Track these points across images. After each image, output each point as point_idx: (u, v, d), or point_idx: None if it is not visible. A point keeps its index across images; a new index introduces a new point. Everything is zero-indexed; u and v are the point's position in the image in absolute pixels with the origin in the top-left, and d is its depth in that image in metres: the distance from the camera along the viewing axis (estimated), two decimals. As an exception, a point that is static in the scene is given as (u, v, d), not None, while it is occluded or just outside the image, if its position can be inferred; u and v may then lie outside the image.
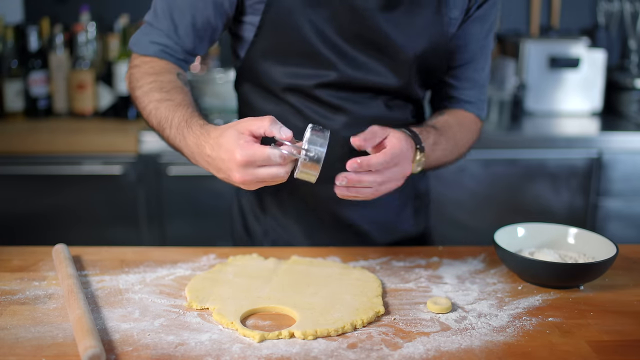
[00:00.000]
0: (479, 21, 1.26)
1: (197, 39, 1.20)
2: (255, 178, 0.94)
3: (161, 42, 1.19)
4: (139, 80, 1.17)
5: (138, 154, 2.33)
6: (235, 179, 0.95)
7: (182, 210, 2.39)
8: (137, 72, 1.19)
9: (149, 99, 1.14)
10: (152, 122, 1.14)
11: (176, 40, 1.19)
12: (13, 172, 2.34)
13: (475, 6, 1.24)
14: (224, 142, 0.95)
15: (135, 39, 1.22)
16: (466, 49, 1.27)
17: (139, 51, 1.21)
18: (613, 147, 2.45)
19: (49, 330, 0.89)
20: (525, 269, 1.05)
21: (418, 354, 0.85)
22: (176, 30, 1.18)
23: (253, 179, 0.94)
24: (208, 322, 0.92)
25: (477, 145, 1.39)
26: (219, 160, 0.97)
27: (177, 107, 1.10)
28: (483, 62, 1.32)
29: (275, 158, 0.93)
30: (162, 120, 1.11)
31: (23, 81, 2.55)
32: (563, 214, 2.48)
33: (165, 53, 1.19)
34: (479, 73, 1.32)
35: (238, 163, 0.93)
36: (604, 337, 0.90)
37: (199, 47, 1.22)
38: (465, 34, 1.26)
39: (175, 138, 1.08)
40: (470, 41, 1.27)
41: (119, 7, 2.78)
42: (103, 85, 2.58)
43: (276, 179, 0.95)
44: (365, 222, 1.32)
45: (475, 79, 1.32)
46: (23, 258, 1.14)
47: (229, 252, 1.18)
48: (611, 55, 2.95)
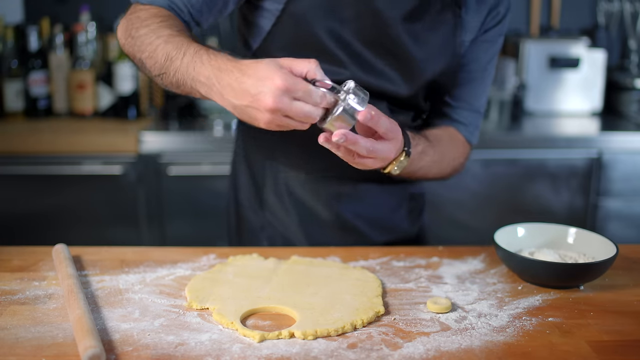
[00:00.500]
0: (483, 45, 1.27)
1: (207, 7, 1.15)
2: (289, 109, 0.88)
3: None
4: (145, 20, 1.08)
5: (138, 154, 2.33)
6: (268, 102, 0.88)
7: (182, 210, 2.39)
8: (142, 14, 1.10)
9: (157, 35, 1.05)
10: (158, 57, 1.03)
11: (186, 1, 1.13)
12: (13, 172, 2.34)
13: (484, 30, 1.25)
14: (262, 68, 0.89)
15: None
16: (467, 69, 1.28)
17: (144, 0, 1.13)
18: (613, 147, 2.45)
19: (49, 330, 0.89)
20: (525, 269, 1.05)
21: (418, 354, 0.85)
22: None
23: (287, 108, 0.88)
24: (208, 322, 0.92)
25: (477, 145, 1.39)
26: (251, 83, 0.89)
27: (192, 42, 1.02)
28: (481, 88, 1.32)
29: (316, 95, 0.89)
30: (173, 52, 1.01)
31: (23, 81, 2.55)
32: (563, 214, 2.48)
33: (172, 9, 1.13)
34: (476, 98, 1.32)
35: (277, 87, 0.87)
36: (604, 337, 0.90)
37: (205, 17, 1.17)
38: (468, 54, 1.26)
39: (187, 67, 0.98)
40: (472, 62, 1.28)
41: (119, 7, 2.78)
42: (103, 85, 2.58)
43: (307, 119, 0.90)
44: (362, 221, 1.33)
45: (471, 102, 1.32)
46: (23, 258, 1.14)
47: (229, 252, 1.18)
48: (611, 55, 2.95)
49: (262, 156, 1.34)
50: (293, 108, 0.89)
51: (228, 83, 0.92)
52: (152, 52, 1.04)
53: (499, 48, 1.31)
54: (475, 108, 1.33)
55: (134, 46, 1.08)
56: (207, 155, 2.34)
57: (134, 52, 1.09)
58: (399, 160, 1.07)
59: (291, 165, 1.30)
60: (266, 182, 1.34)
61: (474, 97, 1.32)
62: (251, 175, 1.36)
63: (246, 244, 1.38)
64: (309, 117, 0.91)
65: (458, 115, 1.32)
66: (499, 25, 1.27)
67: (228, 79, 0.92)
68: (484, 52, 1.28)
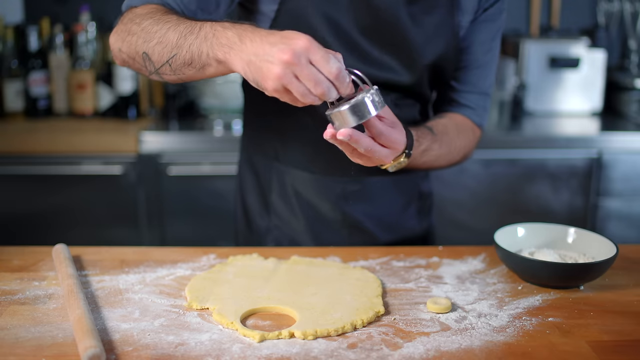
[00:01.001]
0: (484, 25, 1.26)
1: (200, 9, 1.15)
2: (302, 68, 0.85)
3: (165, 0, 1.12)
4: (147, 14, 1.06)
5: (138, 154, 2.33)
6: (285, 55, 0.85)
7: (182, 210, 2.39)
8: (139, 11, 1.08)
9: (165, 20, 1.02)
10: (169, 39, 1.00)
11: (179, 2, 1.13)
12: (13, 172, 2.34)
13: (482, 9, 1.24)
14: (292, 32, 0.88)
15: None
16: (469, 51, 1.27)
17: (139, 3, 1.12)
18: (613, 147, 2.45)
19: (49, 330, 0.89)
20: (525, 269, 1.05)
21: (418, 354, 0.85)
22: None
23: (300, 67, 0.85)
24: (208, 322, 0.92)
25: (477, 146, 1.39)
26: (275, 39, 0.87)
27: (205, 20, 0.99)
28: (486, 70, 1.31)
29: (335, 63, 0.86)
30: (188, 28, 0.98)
31: (23, 81, 2.55)
32: (563, 214, 2.48)
33: None
34: (481, 79, 1.31)
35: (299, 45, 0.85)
36: (604, 337, 0.90)
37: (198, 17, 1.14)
38: (469, 36, 1.26)
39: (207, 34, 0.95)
40: (473, 43, 1.27)
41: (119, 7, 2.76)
42: (103, 85, 2.58)
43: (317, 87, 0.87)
44: (370, 221, 1.32)
45: (476, 84, 1.31)
46: (23, 258, 1.14)
47: (229, 252, 1.18)
48: (611, 55, 2.95)
49: (267, 159, 1.33)
50: (306, 69, 0.86)
51: (251, 39, 0.90)
52: (161, 37, 1.01)
53: (501, 26, 1.29)
54: (482, 90, 1.32)
55: (138, 40, 1.05)
56: (207, 155, 2.34)
57: (137, 48, 1.06)
58: (397, 160, 1.08)
59: (297, 166, 1.30)
60: (272, 185, 1.33)
61: (480, 80, 1.31)
62: (256, 179, 1.36)
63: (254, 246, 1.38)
64: (318, 85, 0.87)
65: (465, 100, 1.32)
66: (497, 3, 1.26)
67: (252, 36, 0.90)
68: (486, 31, 1.27)
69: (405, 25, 1.18)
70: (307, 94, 0.88)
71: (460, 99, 1.32)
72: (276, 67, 0.86)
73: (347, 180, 1.30)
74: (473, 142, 1.34)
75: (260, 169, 1.35)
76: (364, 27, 1.18)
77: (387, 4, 1.16)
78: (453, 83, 1.31)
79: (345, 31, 1.17)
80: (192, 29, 0.97)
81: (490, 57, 1.30)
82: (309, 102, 0.90)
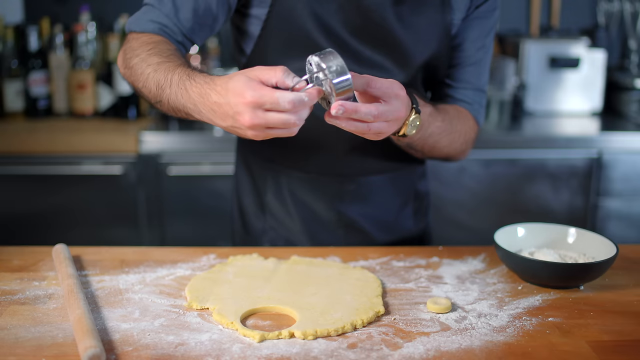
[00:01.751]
0: (476, 22, 1.26)
1: (197, 25, 1.18)
2: (265, 122, 0.90)
3: (161, 21, 1.17)
4: (136, 50, 1.13)
5: (138, 154, 2.33)
6: (245, 121, 0.90)
7: (182, 210, 2.39)
8: (134, 43, 1.15)
9: (147, 64, 1.09)
10: (150, 86, 1.08)
11: (176, 22, 1.17)
12: (13, 172, 2.34)
13: (474, 7, 1.24)
14: (232, 86, 0.92)
15: (134, 19, 1.19)
16: (462, 49, 1.27)
17: (137, 29, 1.18)
18: (613, 147, 2.45)
19: (49, 330, 0.89)
20: (525, 269, 1.05)
21: (418, 354, 0.85)
22: (177, 13, 1.17)
23: (263, 122, 0.90)
24: (208, 322, 0.92)
25: (477, 145, 1.39)
26: (227, 105, 0.92)
27: (176, 67, 1.06)
28: (480, 67, 1.30)
29: (284, 103, 0.89)
30: (162, 81, 1.05)
31: (23, 81, 2.55)
32: (563, 214, 2.48)
33: (164, 32, 1.17)
34: (475, 77, 1.30)
35: (247, 104, 0.89)
36: (604, 337, 0.90)
37: (198, 35, 1.20)
38: (462, 33, 1.26)
39: (176, 95, 1.03)
40: (466, 41, 1.26)
41: (119, 7, 2.78)
42: (103, 85, 2.58)
43: (287, 125, 0.91)
44: (366, 221, 1.32)
45: (470, 81, 1.30)
46: (23, 258, 1.14)
47: (229, 252, 1.18)
48: (611, 55, 2.95)
49: (263, 160, 1.34)
50: (269, 119, 0.90)
51: (210, 108, 0.96)
52: (145, 82, 1.09)
53: (494, 23, 1.29)
54: (477, 87, 1.31)
55: (131, 76, 1.13)
56: (207, 155, 2.34)
57: (132, 82, 1.14)
58: (410, 118, 1.05)
59: (292, 167, 1.30)
60: (267, 185, 1.33)
61: (475, 77, 1.30)
62: (252, 180, 1.36)
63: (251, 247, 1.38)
64: (287, 123, 0.90)
65: (461, 95, 1.30)
66: (490, 0, 1.25)
67: (209, 104, 0.96)
68: (479, 29, 1.26)
69: (393, 26, 1.18)
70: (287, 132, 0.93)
71: (456, 95, 1.30)
72: (247, 132, 0.93)
73: (342, 180, 1.30)
74: (472, 132, 1.31)
75: (255, 170, 1.35)
76: (354, 28, 1.18)
77: (375, 5, 1.16)
78: (447, 81, 1.30)
79: (335, 32, 1.18)
80: (165, 82, 1.05)
81: (484, 54, 1.30)
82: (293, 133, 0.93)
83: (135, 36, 1.17)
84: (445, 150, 1.25)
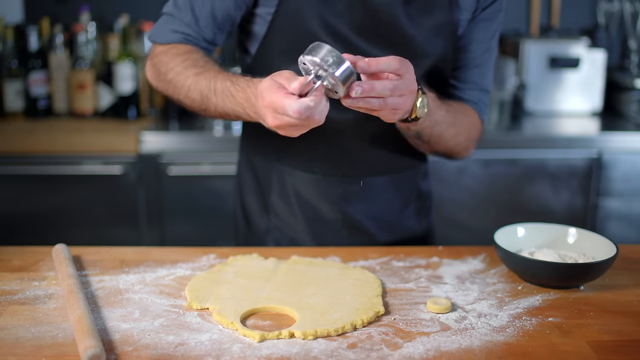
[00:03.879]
0: (482, 24, 1.26)
1: (218, 30, 1.22)
2: (286, 122, 0.94)
3: (183, 31, 1.20)
4: (169, 63, 1.18)
5: (138, 154, 2.33)
6: (269, 122, 0.97)
7: (182, 210, 2.39)
8: (164, 57, 1.19)
9: (185, 76, 1.15)
10: (194, 97, 1.14)
11: (197, 30, 1.20)
12: (13, 172, 2.34)
13: (481, 8, 1.24)
14: (259, 89, 0.98)
15: (156, 30, 1.22)
16: (468, 50, 1.27)
17: (160, 40, 1.21)
18: (613, 147, 2.45)
19: (49, 330, 0.89)
20: (525, 269, 1.05)
21: (418, 354, 0.85)
22: (197, 21, 1.20)
23: (284, 123, 0.95)
24: (208, 322, 0.92)
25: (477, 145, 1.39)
26: (259, 107, 0.99)
27: (217, 74, 1.12)
28: (485, 68, 1.31)
29: (290, 112, 0.92)
30: (205, 90, 1.12)
31: (23, 81, 2.55)
32: (563, 214, 2.48)
33: (188, 41, 1.20)
34: (480, 78, 1.31)
35: (266, 106, 0.95)
36: (604, 337, 0.90)
37: (219, 38, 1.24)
38: (468, 35, 1.26)
39: (223, 102, 1.10)
40: (472, 42, 1.27)
41: (119, 7, 2.78)
42: (103, 85, 2.58)
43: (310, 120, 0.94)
44: (370, 221, 1.32)
45: (476, 82, 1.31)
46: (23, 258, 1.14)
47: (229, 252, 1.18)
48: (611, 55, 2.95)
49: (268, 160, 1.33)
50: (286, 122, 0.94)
51: (254, 111, 1.04)
52: (186, 93, 1.16)
53: (499, 25, 1.30)
54: (482, 87, 1.32)
55: (168, 90, 1.20)
56: (207, 155, 2.34)
57: (171, 95, 1.21)
58: (418, 100, 1.07)
59: (297, 167, 1.30)
60: (272, 185, 1.33)
61: (480, 78, 1.31)
62: (256, 180, 1.36)
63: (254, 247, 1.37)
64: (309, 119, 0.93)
65: (466, 95, 1.31)
66: (496, 2, 1.26)
67: (252, 112, 1.05)
68: (485, 30, 1.27)
69: (403, 25, 1.18)
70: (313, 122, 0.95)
71: (461, 95, 1.31)
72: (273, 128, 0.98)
73: (347, 180, 1.30)
74: (476, 129, 1.32)
75: (259, 170, 1.35)
76: (361, 29, 1.18)
77: (385, 5, 1.16)
78: (453, 82, 1.31)
79: (342, 33, 1.17)
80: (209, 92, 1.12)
81: (489, 55, 1.31)
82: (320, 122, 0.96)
83: (162, 49, 1.21)
84: (450, 143, 1.26)
